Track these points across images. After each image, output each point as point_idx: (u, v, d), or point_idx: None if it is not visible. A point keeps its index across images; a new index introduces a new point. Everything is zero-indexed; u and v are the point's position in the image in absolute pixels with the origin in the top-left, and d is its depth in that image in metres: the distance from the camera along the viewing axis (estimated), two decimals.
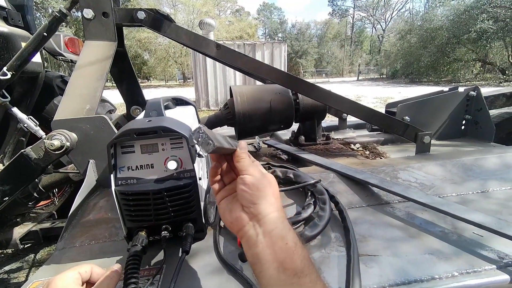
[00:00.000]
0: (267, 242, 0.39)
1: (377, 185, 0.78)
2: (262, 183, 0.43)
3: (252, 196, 0.42)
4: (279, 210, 0.42)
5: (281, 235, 0.39)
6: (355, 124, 1.64)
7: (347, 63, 37.45)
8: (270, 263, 0.37)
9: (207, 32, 8.41)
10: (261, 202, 0.41)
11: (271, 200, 0.42)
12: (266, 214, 0.41)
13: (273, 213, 0.41)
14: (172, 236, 0.60)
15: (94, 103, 0.88)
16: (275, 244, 0.38)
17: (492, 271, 0.51)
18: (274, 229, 0.39)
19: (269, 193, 0.43)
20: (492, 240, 0.58)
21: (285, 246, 0.38)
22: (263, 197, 0.42)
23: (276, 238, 0.39)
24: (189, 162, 0.57)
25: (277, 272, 0.36)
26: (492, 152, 0.96)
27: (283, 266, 0.36)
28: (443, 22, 15.74)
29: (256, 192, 0.42)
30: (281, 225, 0.40)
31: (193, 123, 0.71)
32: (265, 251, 0.38)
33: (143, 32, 19.51)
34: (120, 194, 0.54)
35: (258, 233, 0.40)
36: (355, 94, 11.22)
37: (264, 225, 0.40)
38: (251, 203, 0.42)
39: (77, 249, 0.64)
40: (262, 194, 0.42)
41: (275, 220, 0.40)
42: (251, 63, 1.06)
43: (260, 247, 0.39)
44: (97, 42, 1.00)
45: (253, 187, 0.42)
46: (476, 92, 1.22)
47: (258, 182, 0.43)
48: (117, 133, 0.53)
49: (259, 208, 0.41)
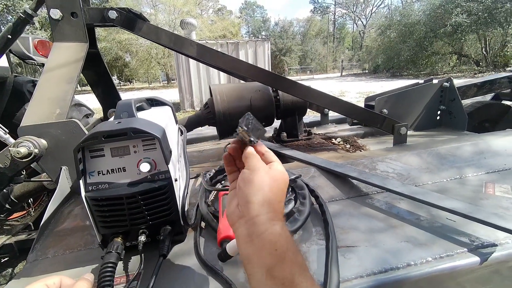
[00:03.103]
0: (256, 245, 0.36)
1: (356, 178, 0.79)
2: (260, 181, 0.39)
3: (245, 193, 0.39)
4: (273, 212, 0.38)
5: (271, 240, 0.36)
6: (337, 119, 1.66)
7: (331, 60, 37.96)
8: (258, 267, 0.35)
9: (189, 32, 8.29)
10: (253, 202, 0.38)
11: (267, 201, 0.38)
12: (256, 215, 0.37)
13: (264, 215, 0.37)
14: (151, 240, 0.59)
15: (64, 107, 0.84)
16: (263, 249, 0.35)
17: (463, 254, 0.53)
18: (263, 232, 0.36)
19: (266, 193, 0.39)
20: (464, 225, 0.60)
21: (274, 252, 0.35)
22: (257, 196, 0.38)
23: (265, 242, 0.36)
24: (163, 163, 0.55)
25: (264, 278, 0.34)
26: (465, 140, 1.00)
27: (271, 273, 0.34)
28: (420, 17, 16.24)
29: (249, 190, 0.39)
30: (272, 229, 0.36)
31: (169, 124, 0.69)
32: (254, 253, 0.36)
33: (123, 33, 19.00)
34: (91, 200, 0.52)
35: (248, 233, 0.37)
36: (339, 90, 11.40)
37: (253, 227, 0.37)
38: (243, 201, 0.39)
39: (50, 260, 0.61)
40: (256, 193, 0.38)
41: (265, 223, 0.37)
42: (231, 62, 1.05)
43: (249, 248, 0.37)
44: (66, 43, 0.96)
45: (247, 183, 0.39)
46: (449, 83, 1.26)
47: (256, 179, 0.39)
48: (84, 136, 0.51)
49: (249, 208, 0.38)
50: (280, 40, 34.52)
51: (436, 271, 0.51)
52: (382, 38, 20.16)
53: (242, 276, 0.52)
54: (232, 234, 0.56)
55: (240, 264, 0.55)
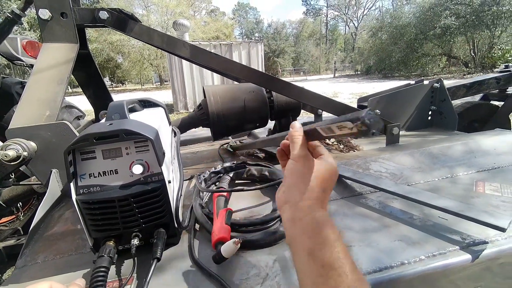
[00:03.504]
0: (298, 228, 0.39)
1: (350, 178, 0.80)
2: (303, 171, 0.42)
3: (290, 181, 0.43)
4: (315, 200, 0.40)
5: (311, 224, 0.38)
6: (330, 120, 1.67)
7: (323, 61, 38.29)
8: (301, 248, 0.38)
9: (182, 33, 8.26)
10: (296, 189, 0.42)
11: (309, 189, 0.41)
12: (297, 201, 0.41)
13: (305, 202, 0.40)
14: (144, 244, 0.58)
15: (54, 108, 0.83)
16: (304, 232, 0.38)
17: (455, 252, 0.53)
18: (304, 217, 0.39)
19: (308, 181, 0.41)
20: (456, 223, 0.61)
21: (314, 236, 0.37)
22: (300, 184, 0.41)
23: (306, 226, 0.39)
24: (156, 165, 0.55)
25: (306, 259, 0.37)
26: (456, 140, 1.01)
27: (312, 255, 0.36)
28: (411, 19, 16.55)
29: (293, 178, 0.42)
30: (313, 214, 0.39)
31: (162, 125, 0.69)
32: (296, 236, 0.39)
33: (114, 34, 18.80)
34: (82, 203, 0.51)
35: (291, 217, 0.41)
36: (332, 91, 11.49)
37: (295, 211, 0.41)
38: (288, 188, 0.43)
39: (40, 266, 0.60)
40: (299, 181, 0.42)
41: (306, 209, 0.40)
42: (224, 63, 1.04)
43: (292, 231, 0.40)
44: (56, 44, 0.94)
45: (291, 172, 0.43)
46: (439, 84, 1.28)
47: (298, 169, 0.42)
48: (75, 138, 0.50)
49: (293, 194, 0.42)
50: (273, 42, 34.67)
51: (429, 269, 0.51)
52: (374, 40, 20.47)
53: (237, 278, 0.52)
54: (227, 236, 0.56)
55: (235, 266, 0.55)
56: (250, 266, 0.54)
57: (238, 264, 0.55)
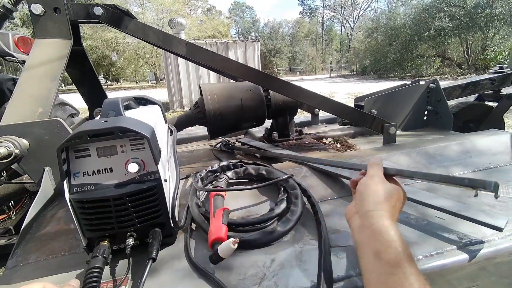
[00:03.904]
0: (366, 233, 0.45)
1: (347, 177, 0.80)
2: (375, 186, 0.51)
3: (362, 193, 0.51)
4: (385, 211, 0.46)
5: (379, 229, 0.43)
6: (327, 119, 1.68)
7: (320, 61, 38.42)
8: (368, 250, 0.43)
9: (178, 32, 8.20)
10: (367, 200, 0.49)
11: (376, 201, 0.48)
12: (368, 210, 0.47)
13: (375, 211, 0.46)
14: (139, 244, 0.57)
15: (47, 105, 0.81)
16: (373, 236, 0.43)
17: (453, 252, 0.53)
18: (373, 223, 0.45)
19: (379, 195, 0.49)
20: (453, 222, 0.61)
21: (382, 239, 0.42)
22: (371, 196, 0.49)
23: (374, 231, 0.44)
24: (152, 164, 0.54)
25: (373, 259, 0.41)
26: (452, 140, 1.02)
27: (379, 256, 0.41)
28: (406, 20, 16.69)
29: (365, 191, 0.51)
30: (381, 222, 0.44)
31: (158, 123, 0.68)
32: (364, 240, 0.45)
33: (109, 32, 18.60)
34: (76, 202, 0.50)
35: (361, 224, 0.47)
36: (328, 91, 11.54)
37: (365, 219, 0.47)
38: (360, 199, 0.51)
39: (32, 266, 0.58)
40: (370, 194, 0.50)
41: (376, 217, 0.45)
42: (221, 61, 1.03)
43: (361, 236, 0.46)
44: (49, 40, 0.92)
45: (365, 187, 0.52)
46: (435, 84, 1.29)
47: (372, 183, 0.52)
48: (68, 136, 0.48)
49: (364, 204, 0.49)
50: (269, 41, 34.66)
51: (426, 269, 0.51)
52: (369, 41, 20.59)
53: (234, 279, 0.51)
54: (224, 235, 0.55)
55: (232, 266, 0.54)
56: (247, 266, 0.54)
57: (235, 264, 0.54)
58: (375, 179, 0.53)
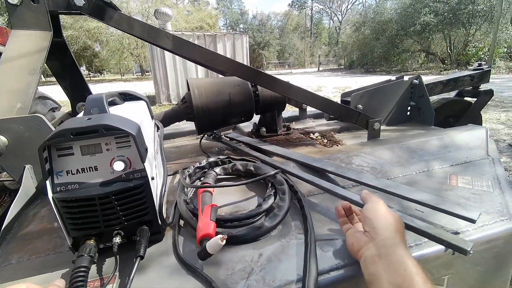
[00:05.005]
0: (383, 264, 0.41)
1: (333, 172, 0.82)
2: (385, 212, 0.50)
3: (374, 221, 0.48)
4: (399, 238, 0.45)
5: (399, 260, 0.41)
6: (315, 114, 1.69)
7: (308, 55, 38.47)
8: (387, 283, 0.39)
9: (164, 23, 7.99)
10: (381, 227, 0.47)
11: (390, 229, 0.46)
12: (384, 239, 0.45)
13: (391, 240, 0.44)
14: (127, 241, 0.57)
15: (27, 100, 0.78)
16: (391, 267, 0.40)
17: (430, 242, 0.56)
18: (391, 253, 0.42)
19: (389, 223, 0.47)
20: (431, 215, 0.64)
21: (403, 272, 0.39)
22: (384, 223, 0.47)
23: (393, 261, 0.41)
24: (138, 162, 0.53)
25: None
26: (432, 135, 1.06)
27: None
28: (392, 15, 16.92)
29: (377, 218, 0.48)
30: (399, 251, 0.42)
31: (144, 119, 0.67)
32: (381, 272, 0.41)
33: (91, 21, 17.83)
34: (59, 202, 0.49)
35: (377, 254, 0.43)
36: (316, 84, 11.62)
37: (382, 248, 0.44)
38: (372, 227, 0.48)
39: (14, 267, 0.57)
40: (381, 221, 0.48)
41: (392, 245, 0.43)
42: (209, 56, 1.02)
43: (377, 267, 0.42)
44: (27, 31, 0.88)
45: (375, 213, 0.50)
46: (418, 81, 1.33)
47: (381, 209, 0.50)
48: (50, 134, 0.47)
49: (378, 232, 0.46)
50: (258, 34, 34.31)
51: None
52: (357, 35, 20.78)
53: (222, 274, 0.52)
54: (212, 232, 0.56)
55: (220, 262, 0.55)
56: (236, 261, 0.55)
57: (223, 260, 0.55)
58: (381, 205, 0.51)
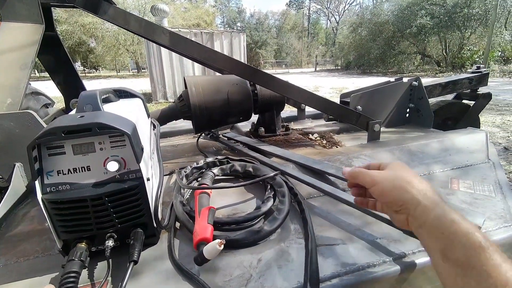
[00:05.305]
0: (424, 234, 0.40)
1: (333, 174, 0.80)
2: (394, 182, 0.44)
3: (392, 199, 0.44)
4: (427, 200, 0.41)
5: (433, 225, 0.39)
6: (313, 114, 1.68)
7: (305, 54, 38.50)
8: (433, 251, 0.39)
9: (161, 19, 7.90)
10: (404, 199, 0.42)
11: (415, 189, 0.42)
12: (414, 208, 0.41)
13: (418, 206, 0.41)
14: (120, 245, 0.54)
15: (17, 96, 0.75)
16: (431, 235, 0.39)
17: None
18: (425, 221, 0.40)
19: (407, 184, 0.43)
20: None
21: (441, 236, 0.37)
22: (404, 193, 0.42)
23: (430, 230, 0.39)
24: (133, 162, 0.51)
25: (441, 261, 0.37)
26: (432, 137, 1.05)
27: (444, 255, 0.36)
28: (389, 17, 17.00)
29: (392, 193, 0.44)
30: (430, 216, 0.39)
31: (140, 118, 0.64)
32: (427, 240, 0.40)
33: (86, 16, 17.59)
34: (49, 203, 0.47)
35: (418, 225, 0.41)
36: (313, 84, 11.63)
37: (415, 220, 0.41)
38: (397, 206, 0.43)
39: (1, 270, 0.54)
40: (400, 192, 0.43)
41: (421, 213, 0.40)
42: (207, 53, 0.99)
43: (421, 238, 0.41)
44: (18, 24, 0.85)
45: (385, 192, 0.45)
46: (417, 83, 1.32)
47: (389, 183, 0.44)
48: (40, 132, 0.44)
49: (406, 205, 0.42)
50: (255, 33, 34.18)
51: (411, 266, 0.52)
52: (354, 36, 20.85)
53: (220, 280, 0.50)
54: (209, 236, 0.54)
55: (217, 267, 0.53)
56: (234, 267, 0.53)
57: (220, 265, 0.53)
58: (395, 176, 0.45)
